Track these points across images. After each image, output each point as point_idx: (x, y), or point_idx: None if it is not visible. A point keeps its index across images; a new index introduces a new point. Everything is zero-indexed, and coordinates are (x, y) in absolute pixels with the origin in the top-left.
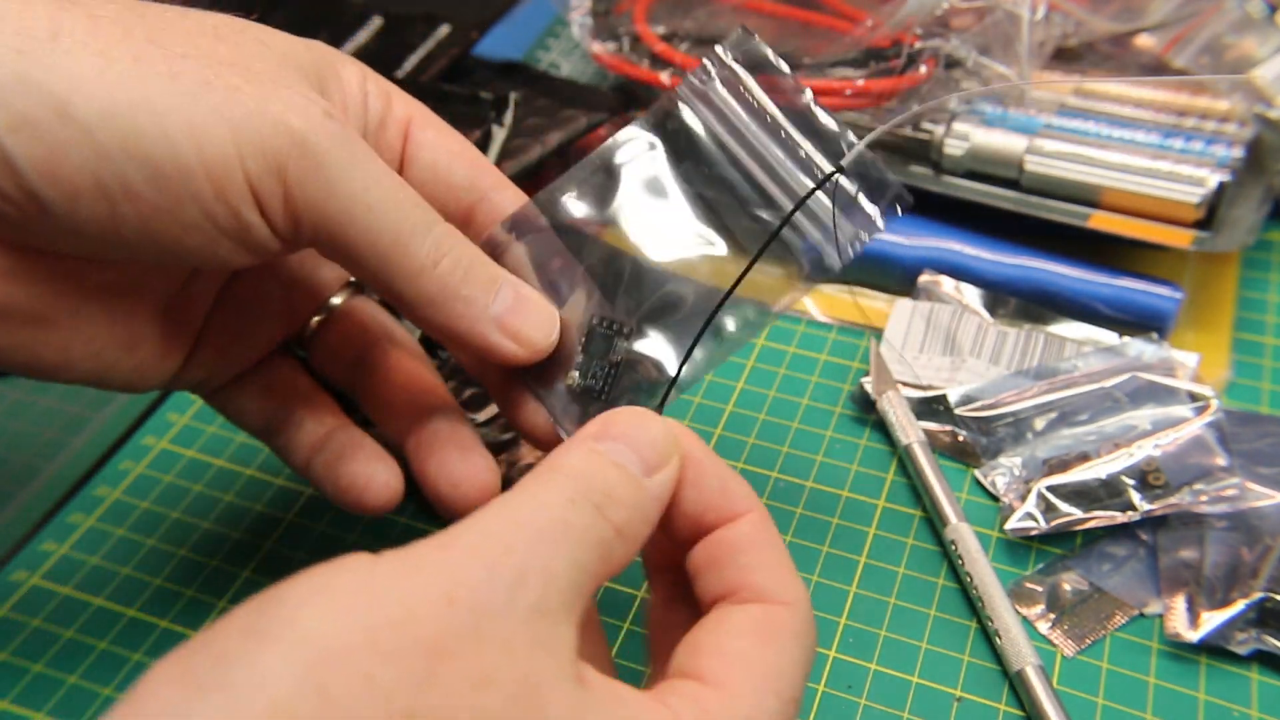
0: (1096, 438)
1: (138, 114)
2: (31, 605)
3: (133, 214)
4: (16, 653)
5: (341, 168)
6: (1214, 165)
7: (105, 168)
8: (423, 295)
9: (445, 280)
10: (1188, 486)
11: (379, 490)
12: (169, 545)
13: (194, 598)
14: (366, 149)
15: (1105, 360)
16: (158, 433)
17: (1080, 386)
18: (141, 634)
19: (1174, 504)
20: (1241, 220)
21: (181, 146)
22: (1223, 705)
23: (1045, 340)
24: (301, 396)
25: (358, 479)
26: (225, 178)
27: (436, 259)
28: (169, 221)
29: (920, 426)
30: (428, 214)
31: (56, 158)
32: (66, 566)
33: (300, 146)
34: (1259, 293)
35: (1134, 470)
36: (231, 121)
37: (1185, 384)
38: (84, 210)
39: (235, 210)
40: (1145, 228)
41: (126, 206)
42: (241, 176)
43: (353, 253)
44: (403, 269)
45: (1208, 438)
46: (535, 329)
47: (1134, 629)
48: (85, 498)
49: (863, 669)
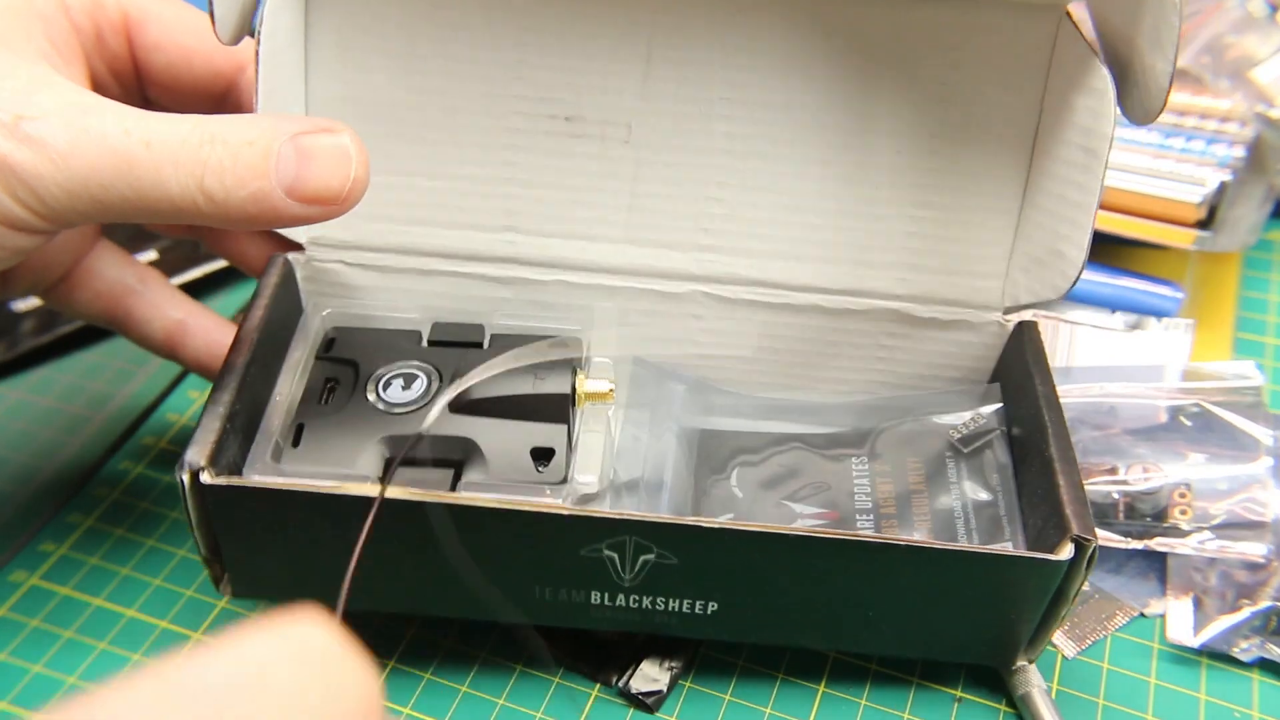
0: (1127, 455)
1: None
2: (31, 605)
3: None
4: (16, 653)
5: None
6: (1215, 165)
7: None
8: (205, 218)
9: (214, 195)
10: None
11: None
12: (168, 545)
13: (193, 598)
14: (82, 134)
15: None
16: (157, 433)
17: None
18: (141, 634)
19: (1196, 545)
20: (1242, 220)
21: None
22: (1224, 706)
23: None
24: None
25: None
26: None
27: (200, 179)
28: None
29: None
30: (164, 150)
31: None
32: (66, 566)
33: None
34: (1260, 292)
35: (1162, 493)
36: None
37: (1254, 426)
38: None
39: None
40: (1146, 227)
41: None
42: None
43: (118, 215)
44: (174, 210)
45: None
46: (330, 179)
47: (1134, 629)
48: (85, 498)
49: (863, 670)
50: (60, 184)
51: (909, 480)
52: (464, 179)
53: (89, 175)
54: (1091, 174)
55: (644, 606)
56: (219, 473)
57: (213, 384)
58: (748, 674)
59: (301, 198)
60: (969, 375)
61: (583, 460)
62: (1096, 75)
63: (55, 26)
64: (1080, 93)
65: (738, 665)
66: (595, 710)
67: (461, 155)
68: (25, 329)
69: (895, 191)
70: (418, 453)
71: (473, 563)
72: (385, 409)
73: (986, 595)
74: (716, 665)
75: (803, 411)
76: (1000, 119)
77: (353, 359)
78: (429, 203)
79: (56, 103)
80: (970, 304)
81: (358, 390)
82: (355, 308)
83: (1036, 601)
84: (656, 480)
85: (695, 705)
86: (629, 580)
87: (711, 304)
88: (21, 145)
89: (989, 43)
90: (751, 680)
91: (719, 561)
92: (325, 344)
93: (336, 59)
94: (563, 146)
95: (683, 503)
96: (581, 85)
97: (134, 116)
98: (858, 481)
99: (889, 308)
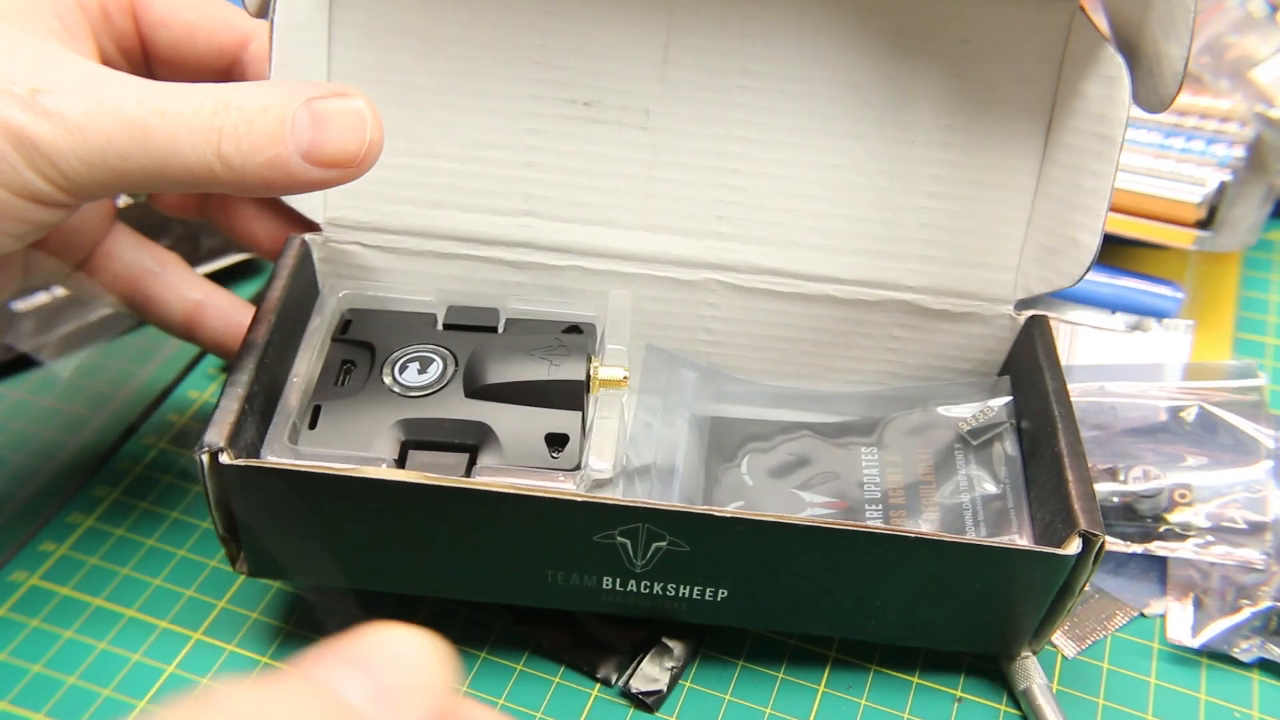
0: (1128, 456)
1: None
2: (31, 605)
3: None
4: (16, 653)
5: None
6: (1215, 165)
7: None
8: (222, 185)
9: (231, 161)
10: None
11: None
12: (168, 545)
13: (193, 598)
14: (97, 106)
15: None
16: (158, 433)
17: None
18: (141, 634)
19: (1195, 549)
20: (1242, 220)
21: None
22: (1224, 706)
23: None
24: (150, 266)
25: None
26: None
27: (216, 146)
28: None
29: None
30: (179, 118)
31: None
32: (66, 566)
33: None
34: (1260, 292)
35: (1162, 495)
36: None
37: (1256, 429)
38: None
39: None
40: (1146, 227)
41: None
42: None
43: (137, 185)
44: (192, 178)
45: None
46: (346, 142)
47: (1135, 629)
48: (84, 498)
49: (863, 669)
50: (79, 156)
51: (918, 471)
52: (482, 162)
53: (106, 146)
54: (1106, 160)
55: (654, 592)
56: (237, 453)
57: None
58: (748, 674)
59: (318, 162)
60: (979, 368)
61: (597, 447)
62: (1110, 63)
63: (63, 4)
64: (1094, 81)
65: (738, 665)
66: (595, 710)
67: (480, 139)
68: (25, 329)
69: (910, 183)
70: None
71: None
72: (401, 392)
73: (993, 588)
74: (717, 665)
75: (813, 400)
76: (1014, 108)
77: (369, 341)
78: (446, 185)
79: (70, 76)
80: (982, 296)
81: (374, 373)
82: (371, 289)
83: (1043, 595)
84: (668, 466)
85: (695, 705)
86: (640, 566)
87: (725, 292)
88: (39, 119)
89: (1003, 33)
90: (751, 680)
91: (730, 550)
92: (342, 325)
93: (360, 39)
94: (581, 131)
95: (694, 489)
96: (600, 70)
97: (147, 87)
98: (867, 472)
99: (901, 299)
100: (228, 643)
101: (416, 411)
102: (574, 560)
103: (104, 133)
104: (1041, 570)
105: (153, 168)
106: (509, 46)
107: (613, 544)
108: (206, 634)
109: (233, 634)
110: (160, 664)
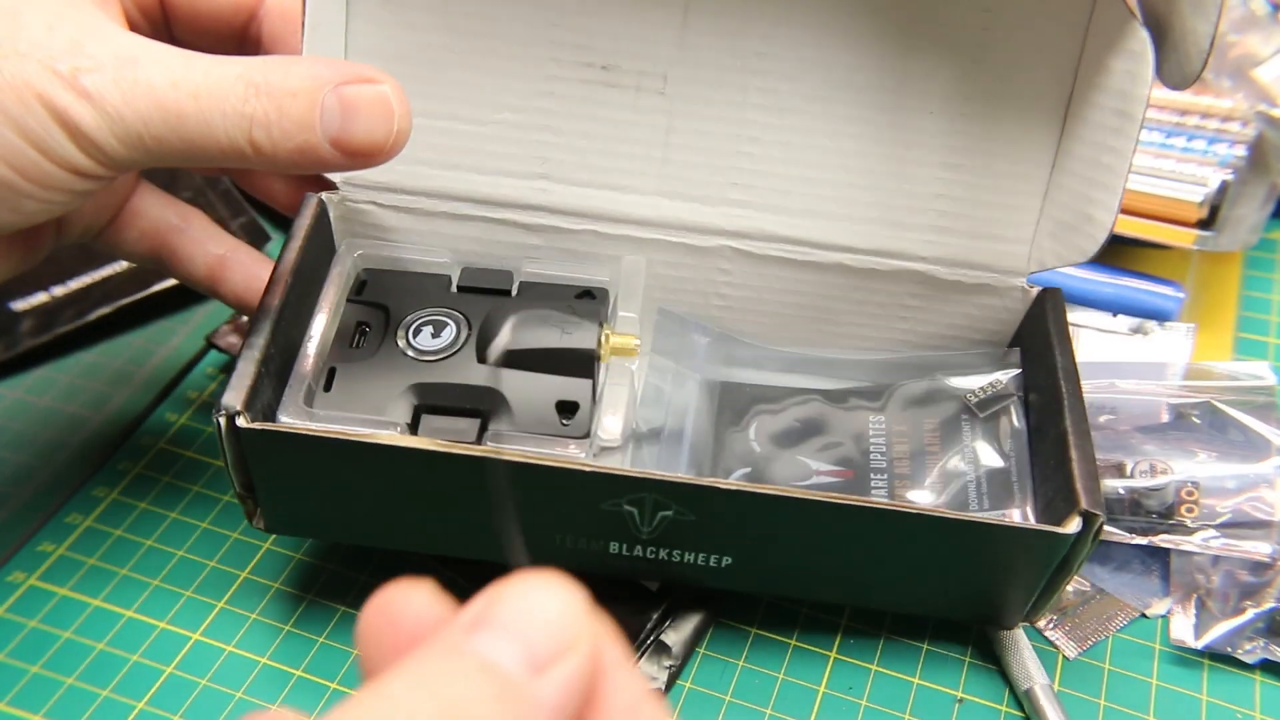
0: (1136, 452)
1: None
2: (30, 606)
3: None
4: (15, 653)
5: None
6: (1216, 164)
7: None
8: (253, 165)
9: (262, 147)
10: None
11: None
12: (167, 545)
13: (192, 598)
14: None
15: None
16: (156, 433)
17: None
18: (140, 634)
19: (1201, 543)
20: (1244, 220)
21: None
22: (1225, 707)
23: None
24: (175, 221)
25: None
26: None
27: (248, 132)
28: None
29: None
30: (211, 102)
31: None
32: (65, 567)
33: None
34: (1261, 292)
35: (1169, 490)
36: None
37: (1266, 427)
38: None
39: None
40: (1147, 227)
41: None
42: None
43: (171, 161)
44: (224, 158)
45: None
46: (374, 132)
47: (1136, 630)
48: (83, 498)
49: (863, 670)
50: (118, 136)
51: (924, 441)
52: (499, 124)
53: (143, 129)
54: (1125, 137)
55: (660, 558)
56: (254, 416)
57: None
58: (748, 673)
59: (346, 150)
60: (990, 339)
61: (606, 415)
62: (1134, 38)
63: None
64: (1117, 55)
65: (738, 665)
66: None
67: (497, 101)
68: (25, 329)
69: (926, 153)
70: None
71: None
72: (415, 356)
73: (992, 562)
74: (716, 665)
75: (823, 365)
76: (1035, 81)
77: (384, 303)
78: (463, 147)
79: (107, 53)
80: (995, 268)
81: (388, 335)
82: (386, 249)
83: (1041, 570)
84: (678, 429)
85: (695, 705)
86: (647, 534)
87: (739, 259)
88: (80, 100)
89: (1027, 4)
90: (752, 680)
91: (734, 520)
92: (357, 286)
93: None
94: (598, 95)
95: (702, 454)
96: (619, 34)
97: (180, 66)
98: (874, 440)
99: (914, 269)
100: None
101: (430, 376)
102: (582, 526)
103: (140, 116)
104: (1041, 547)
105: (186, 149)
106: (529, 8)
107: (620, 512)
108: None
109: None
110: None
